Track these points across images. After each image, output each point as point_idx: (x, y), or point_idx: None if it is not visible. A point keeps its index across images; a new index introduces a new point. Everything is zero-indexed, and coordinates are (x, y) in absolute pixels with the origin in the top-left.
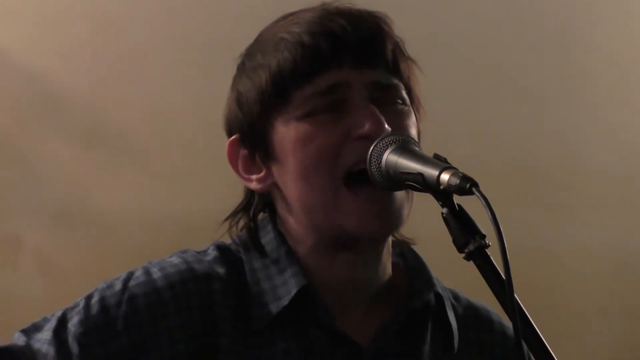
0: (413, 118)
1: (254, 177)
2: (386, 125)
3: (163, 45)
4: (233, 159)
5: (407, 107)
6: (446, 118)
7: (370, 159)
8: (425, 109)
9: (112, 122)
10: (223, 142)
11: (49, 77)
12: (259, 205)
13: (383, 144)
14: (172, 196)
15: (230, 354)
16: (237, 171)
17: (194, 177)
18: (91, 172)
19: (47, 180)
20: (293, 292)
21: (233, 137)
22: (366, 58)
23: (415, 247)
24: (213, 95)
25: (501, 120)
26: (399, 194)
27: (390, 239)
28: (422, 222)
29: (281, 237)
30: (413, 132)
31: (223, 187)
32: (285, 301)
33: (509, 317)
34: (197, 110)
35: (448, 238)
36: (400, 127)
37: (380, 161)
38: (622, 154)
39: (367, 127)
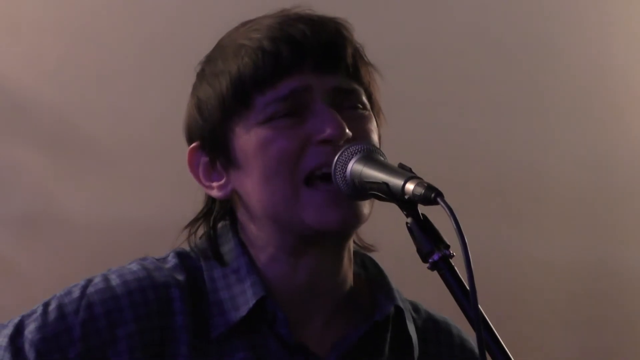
0: (374, 123)
1: (214, 184)
2: (347, 130)
3: (126, 52)
4: (194, 166)
5: (367, 112)
6: (412, 129)
7: (335, 168)
8: (392, 120)
9: (76, 128)
10: (187, 149)
11: (13, 83)
12: (219, 213)
13: (348, 153)
14: (136, 203)
15: None
16: (197, 178)
17: (157, 184)
18: (55, 178)
19: (10, 186)
20: (251, 302)
21: (193, 144)
22: (327, 63)
23: (379, 257)
24: (177, 102)
25: (466, 132)
26: None
27: (351, 246)
28: (386, 231)
29: (242, 246)
30: (374, 137)
31: (187, 194)
32: (243, 311)
33: (473, 327)
34: (161, 117)
35: (412, 248)
36: (361, 132)
37: (345, 170)
38: (585, 169)
39: (328, 131)
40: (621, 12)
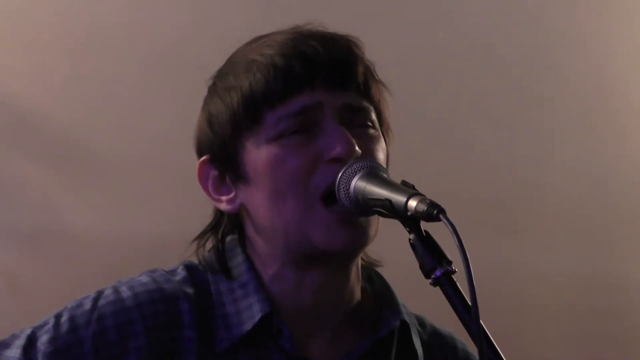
0: (382, 142)
1: (223, 197)
2: (357, 148)
3: (133, 68)
4: (203, 180)
5: (376, 131)
6: (411, 143)
7: (338, 185)
8: (395, 136)
9: (82, 143)
10: (193, 163)
11: (19, 99)
12: (228, 227)
13: (351, 170)
14: (142, 217)
15: None
16: (207, 191)
17: (163, 198)
18: (60, 192)
19: (16, 201)
20: (257, 317)
21: (204, 157)
22: (338, 80)
23: (382, 273)
24: (183, 117)
25: (467, 148)
26: None
27: (359, 262)
28: (389, 248)
29: (249, 262)
30: (381, 156)
31: (193, 208)
32: (248, 326)
33: (475, 343)
34: (167, 132)
35: (415, 264)
36: (369, 151)
37: (349, 187)
38: (586, 182)
39: (338, 150)
40: (622, 26)
